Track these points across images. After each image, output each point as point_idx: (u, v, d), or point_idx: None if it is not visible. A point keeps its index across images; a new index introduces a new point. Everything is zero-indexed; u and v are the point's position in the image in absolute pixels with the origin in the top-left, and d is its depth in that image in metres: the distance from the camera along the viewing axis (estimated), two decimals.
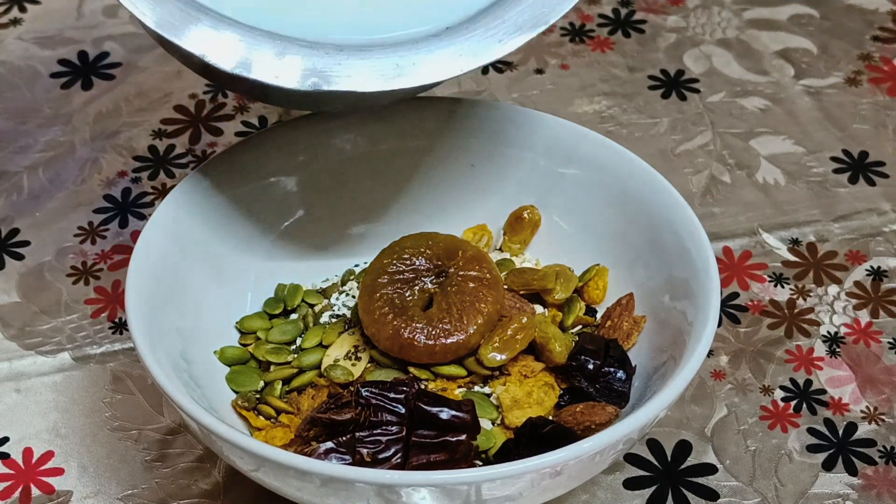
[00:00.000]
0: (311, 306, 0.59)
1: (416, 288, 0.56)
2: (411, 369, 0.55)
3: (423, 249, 0.57)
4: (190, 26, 0.51)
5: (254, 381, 0.56)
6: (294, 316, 0.59)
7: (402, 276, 0.56)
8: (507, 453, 0.52)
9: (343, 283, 0.60)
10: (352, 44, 0.53)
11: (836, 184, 0.71)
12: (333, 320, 0.58)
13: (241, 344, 0.58)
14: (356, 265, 0.61)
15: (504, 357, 0.54)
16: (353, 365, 0.55)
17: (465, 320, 0.54)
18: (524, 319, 0.55)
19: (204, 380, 0.54)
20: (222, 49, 0.51)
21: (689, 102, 0.76)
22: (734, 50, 0.80)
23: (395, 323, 0.54)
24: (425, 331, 0.54)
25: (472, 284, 0.55)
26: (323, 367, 0.56)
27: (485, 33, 0.53)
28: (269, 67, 0.51)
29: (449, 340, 0.54)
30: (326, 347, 0.57)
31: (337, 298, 0.59)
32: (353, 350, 0.56)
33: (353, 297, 0.59)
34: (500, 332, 0.55)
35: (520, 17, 0.53)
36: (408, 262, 0.56)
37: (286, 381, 0.56)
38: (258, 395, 0.55)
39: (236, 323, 0.58)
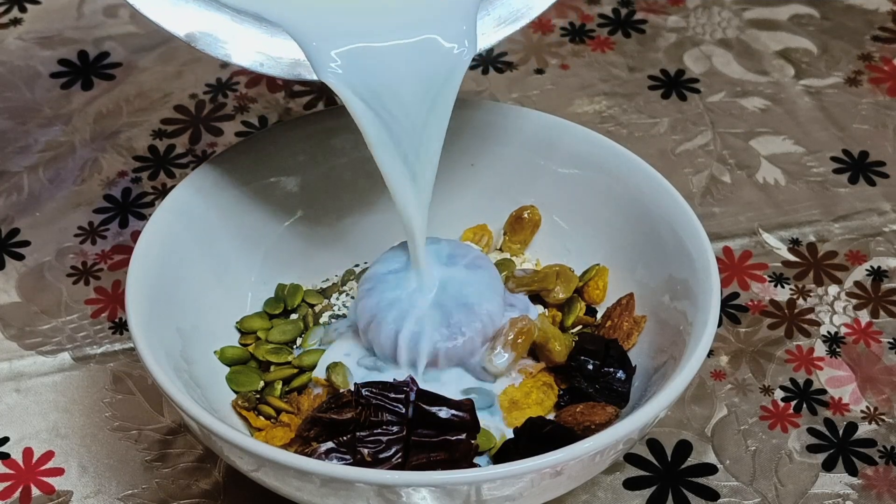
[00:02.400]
0: (312, 306, 0.59)
1: (417, 292, 0.56)
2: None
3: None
4: (176, 8, 0.50)
5: (254, 381, 0.56)
6: (294, 316, 0.59)
7: (402, 281, 0.56)
8: (507, 453, 0.52)
9: (343, 283, 0.60)
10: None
11: (836, 184, 0.71)
12: (333, 320, 0.58)
13: (241, 344, 0.58)
14: (356, 265, 0.62)
15: (508, 362, 0.54)
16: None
17: (464, 324, 0.54)
18: (524, 322, 0.55)
19: (204, 380, 0.54)
20: (208, 33, 0.51)
21: (689, 102, 0.76)
22: (734, 50, 0.80)
23: (394, 327, 0.54)
24: (423, 334, 0.54)
25: (472, 288, 0.55)
26: (323, 367, 0.56)
27: None
28: (254, 55, 0.51)
29: (449, 345, 0.54)
30: (326, 347, 0.57)
31: (337, 298, 0.59)
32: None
33: (353, 297, 0.59)
34: (501, 337, 0.55)
35: (503, 10, 0.53)
36: (409, 266, 0.56)
37: (286, 381, 0.56)
38: (258, 395, 0.55)
39: (236, 323, 0.58)
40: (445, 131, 0.53)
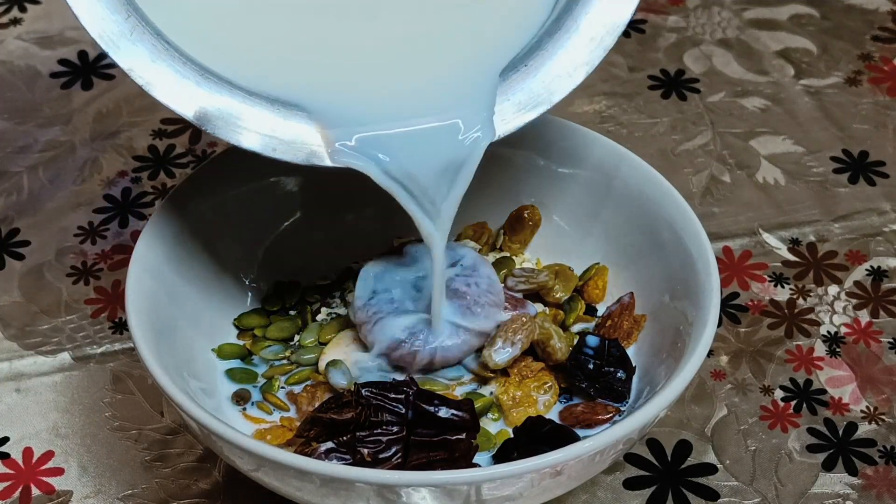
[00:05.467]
0: (309, 304, 0.59)
1: (414, 291, 0.56)
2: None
3: (421, 254, 0.57)
4: (187, 90, 0.49)
5: (251, 378, 0.56)
6: (292, 313, 0.59)
7: (399, 280, 0.56)
8: (507, 453, 0.52)
9: (341, 281, 0.60)
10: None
11: (836, 184, 0.71)
12: (331, 318, 0.58)
13: (239, 340, 0.58)
14: (355, 261, 0.61)
15: (508, 358, 0.54)
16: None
17: (462, 324, 0.54)
18: (524, 319, 0.55)
19: (204, 379, 0.54)
20: (219, 116, 0.50)
21: (689, 102, 0.76)
22: (734, 50, 0.80)
23: (392, 326, 0.54)
24: (422, 335, 0.54)
25: (469, 288, 0.55)
26: (321, 365, 0.56)
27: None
28: (267, 139, 0.50)
29: (447, 344, 0.54)
30: (324, 345, 0.57)
31: (335, 297, 0.59)
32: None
33: (352, 295, 0.59)
34: (501, 334, 0.55)
35: (522, 95, 0.52)
36: (406, 266, 0.56)
37: (284, 378, 0.56)
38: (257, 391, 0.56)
39: (234, 320, 0.58)
40: (457, 206, 0.52)
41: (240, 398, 0.55)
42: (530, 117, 0.53)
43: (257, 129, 0.50)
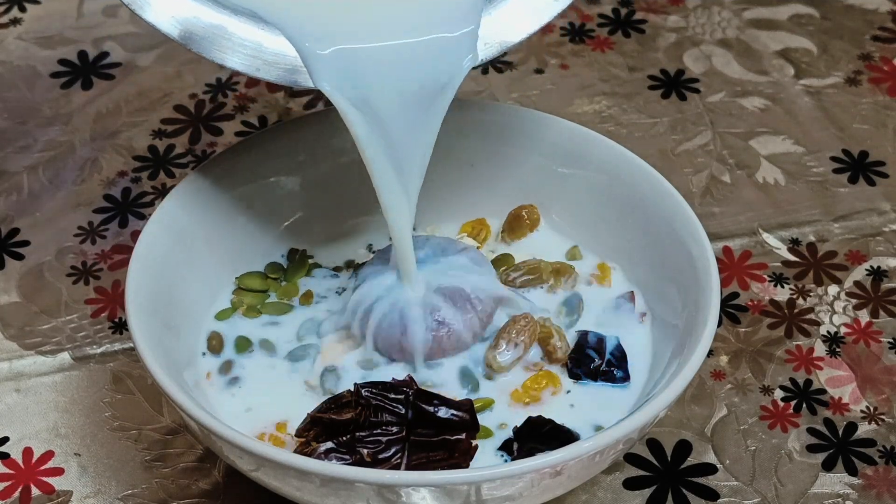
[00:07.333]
0: (308, 302, 0.59)
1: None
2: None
3: (420, 251, 0.57)
4: (172, 9, 0.49)
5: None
6: (293, 301, 0.59)
7: (395, 276, 0.56)
8: (507, 452, 0.52)
9: (340, 275, 0.60)
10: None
11: (836, 184, 0.71)
12: (329, 316, 0.58)
13: (233, 298, 0.58)
14: (354, 260, 0.61)
15: (512, 359, 0.54)
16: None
17: (457, 314, 0.54)
18: (526, 320, 0.55)
19: (204, 379, 0.54)
20: (203, 35, 0.49)
21: (689, 102, 0.76)
22: (734, 50, 0.80)
23: (387, 320, 0.54)
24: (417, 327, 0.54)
25: (464, 281, 0.55)
26: (317, 370, 0.55)
27: None
28: (250, 59, 0.50)
29: (441, 334, 0.54)
30: (320, 337, 0.57)
31: (337, 294, 0.59)
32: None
33: (350, 292, 0.59)
34: (504, 334, 0.55)
35: (507, 18, 0.52)
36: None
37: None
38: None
39: (236, 278, 0.58)
40: (433, 143, 0.52)
41: (214, 348, 0.55)
42: (512, 41, 0.51)
43: (241, 49, 0.50)
